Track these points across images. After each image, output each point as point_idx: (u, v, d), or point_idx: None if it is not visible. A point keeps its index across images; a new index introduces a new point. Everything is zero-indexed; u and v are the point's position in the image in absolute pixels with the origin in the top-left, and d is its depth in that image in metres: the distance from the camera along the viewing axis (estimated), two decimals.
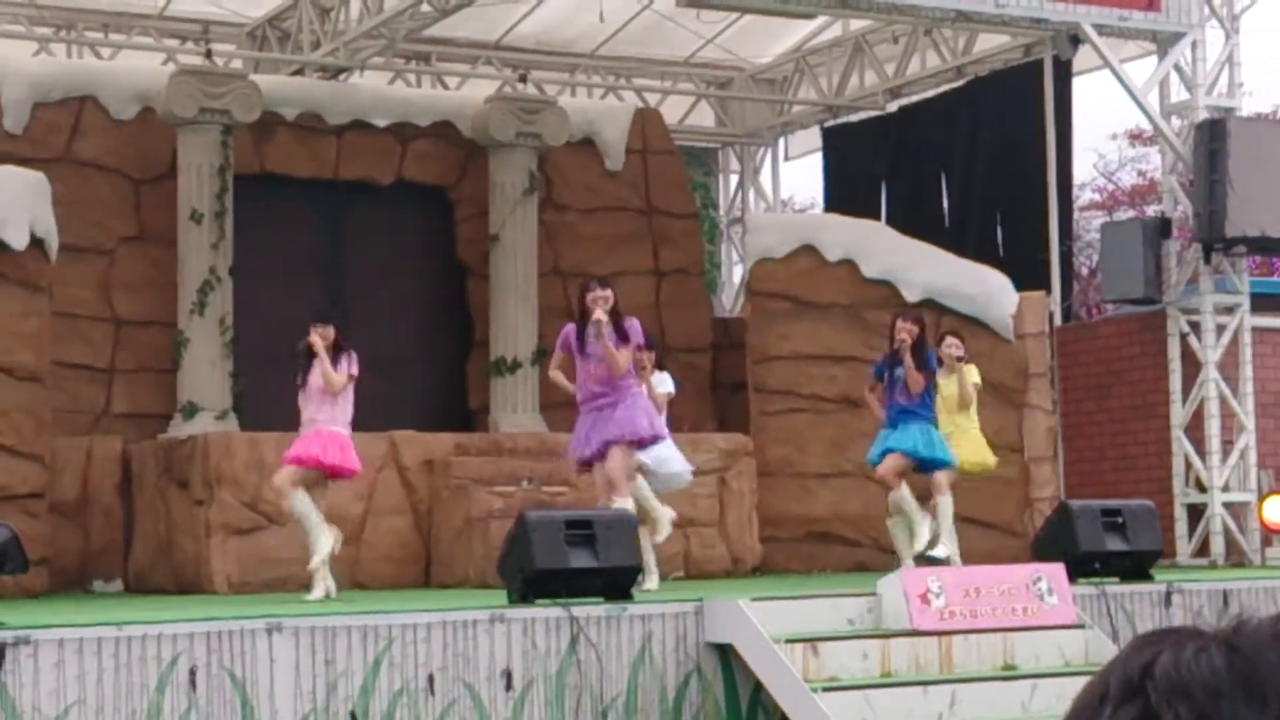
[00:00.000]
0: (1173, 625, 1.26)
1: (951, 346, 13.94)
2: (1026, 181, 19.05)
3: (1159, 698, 1.19)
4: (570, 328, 12.29)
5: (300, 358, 12.47)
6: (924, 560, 13.25)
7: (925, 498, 13.69)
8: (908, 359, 13.34)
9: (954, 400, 13.91)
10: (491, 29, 20.09)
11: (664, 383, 13.45)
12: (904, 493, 13.49)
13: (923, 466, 13.52)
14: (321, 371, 12.30)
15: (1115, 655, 1.25)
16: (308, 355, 12.44)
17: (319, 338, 12.37)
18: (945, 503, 13.58)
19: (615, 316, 12.03)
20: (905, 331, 13.45)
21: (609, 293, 12.04)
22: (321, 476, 12.41)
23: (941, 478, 13.56)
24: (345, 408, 12.42)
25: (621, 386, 12.06)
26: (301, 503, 12.25)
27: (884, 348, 14.60)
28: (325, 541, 12.18)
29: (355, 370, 12.39)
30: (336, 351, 12.38)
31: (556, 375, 12.57)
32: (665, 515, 12.52)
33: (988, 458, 14.16)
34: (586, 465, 12.32)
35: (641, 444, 12.19)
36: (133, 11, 18.91)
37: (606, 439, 11.95)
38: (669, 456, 12.84)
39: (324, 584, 12.21)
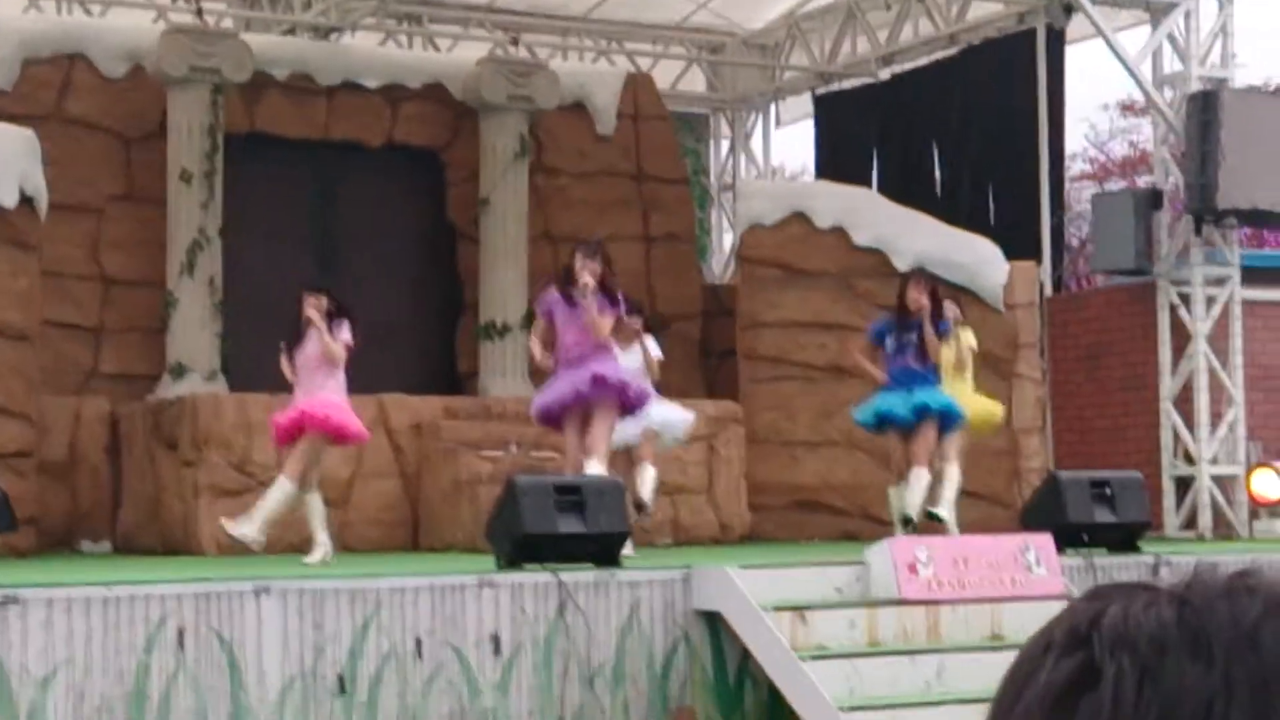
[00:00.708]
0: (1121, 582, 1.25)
1: (949, 309, 13.92)
2: (1018, 151, 19.03)
3: (1103, 649, 1.18)
4: (552, 292, 12.27)
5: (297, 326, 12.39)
6: (925, 515, 13.28)
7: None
8: (928, 325, 13.30)
9: (951, 364, 13.91)
10: None
11: (653, 347, 13.44)
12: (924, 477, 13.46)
13: (942, 424, 13.49)
14: (321, 343, 12.24)
15: (1066, 607, 1.24)
16: (306, 325, 12.35)
17: (313, 308, 12.30)
18: (954, 473, 13.61)
19: (603, 282, 12.05)
20: (920, 296, 13.37)
21: (596, 264, 12.05)
22: (325, 441, 12.38)
23: (951, 447, 13.56)
24: (340, 376, 12.38)
25: (602, 348, 12.08)
26: (312, 507, 12.24)
27: (874, 316, 14.59)
28: (322, 543, 12.16)
29: (349, 338, 12.33)
30: (330, 319, 12.32)
31: (533, 344, 12.55)
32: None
33: (994, 410, 14.26)
34: (553, 422, 12.34)
35: (627, 405, 12.19)
36: None
37: (594, 375, 11.93)
38: (666, 413, 13.00)
39: (322, 548, 12.20)
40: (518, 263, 17.87)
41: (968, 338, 14.19)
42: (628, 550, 12.18)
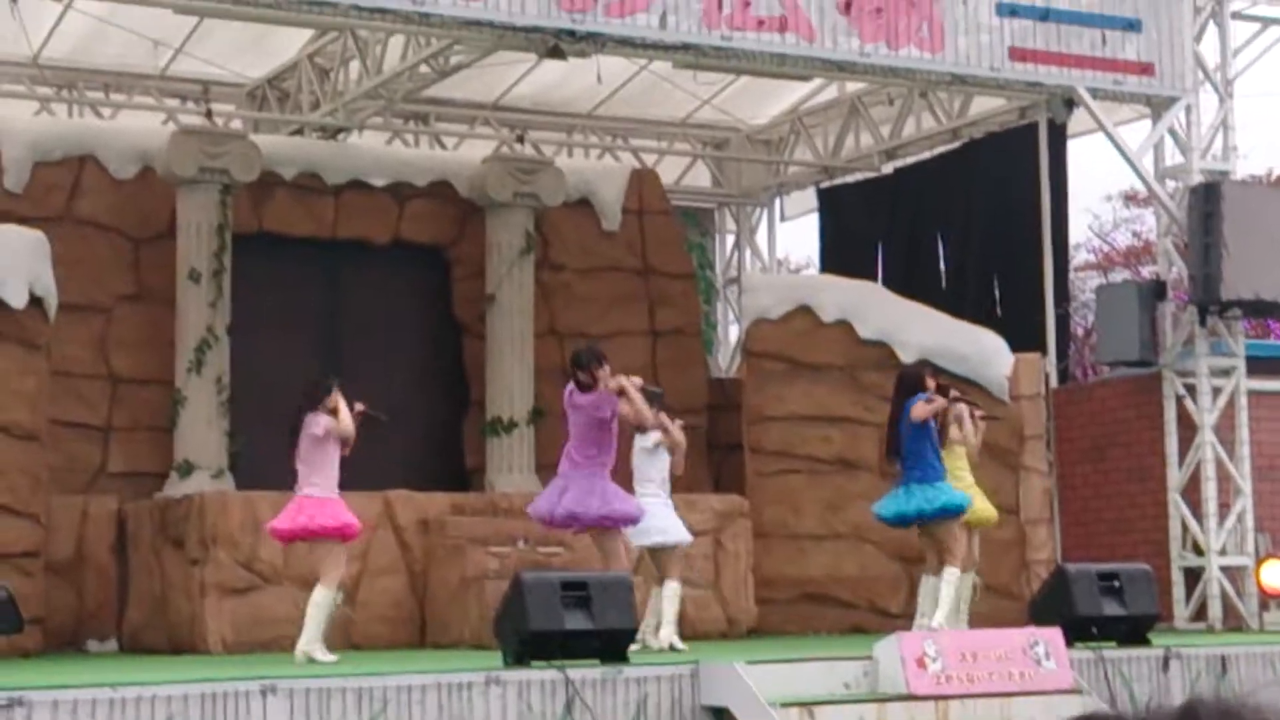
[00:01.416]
0: (1099, 711, 1.29)
1: (961, 402, 13.96)
2: (1022, 243, 19.11)
3: None
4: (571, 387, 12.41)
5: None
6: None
7: (917, 559, 13.67)
8: (962, 408, 13.39)
9: (966, 453, 13.96)
10: (489, 89, 20.18)
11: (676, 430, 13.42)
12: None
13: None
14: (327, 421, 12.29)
15: None
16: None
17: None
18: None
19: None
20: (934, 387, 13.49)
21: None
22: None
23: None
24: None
25: (591, 460, 12.18)
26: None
27: (880, 409, 14.60)
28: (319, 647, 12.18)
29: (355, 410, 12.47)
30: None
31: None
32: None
33: (991, 512, 14.25)
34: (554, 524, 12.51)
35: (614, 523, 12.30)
36: (133, 71, 18.98)
37: (569, 513, 12.10)
38: (666, 526, 13.05)
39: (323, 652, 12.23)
40: (524, 358, 17.93)
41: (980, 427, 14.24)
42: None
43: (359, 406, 12.41)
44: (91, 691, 9.26)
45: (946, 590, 13.30)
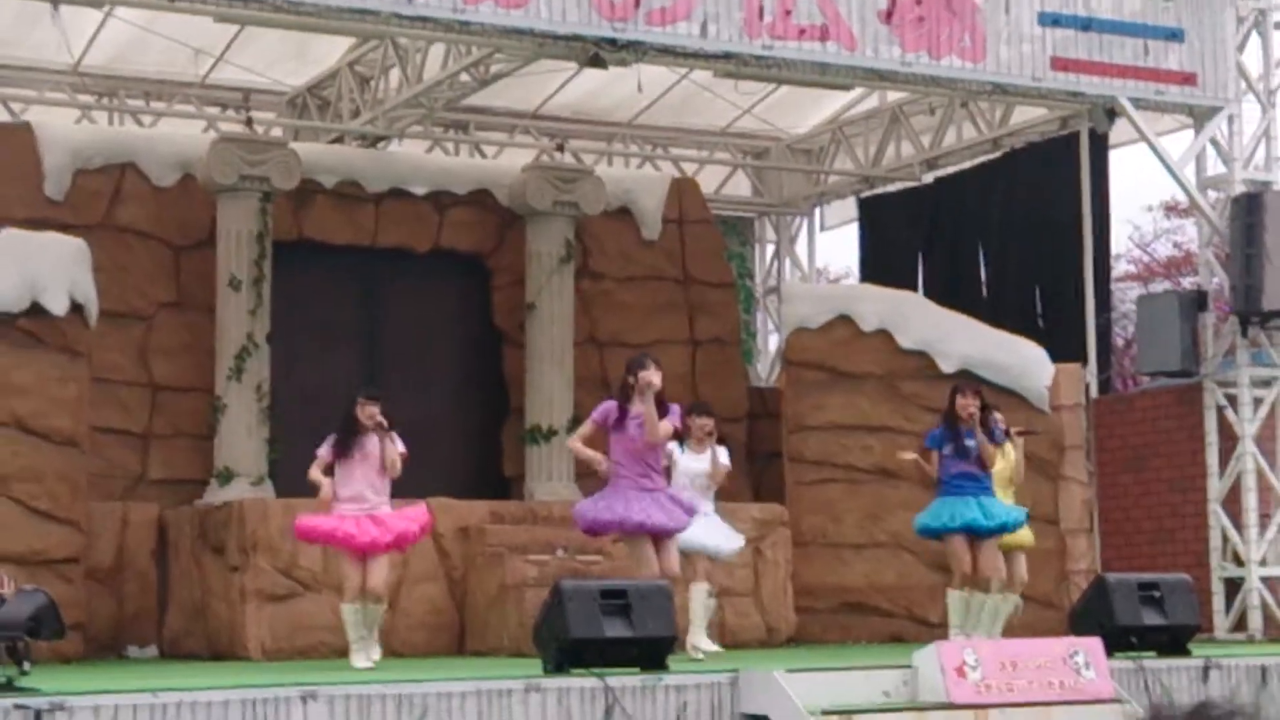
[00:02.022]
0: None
1: (1001, 421, 13.82)
2: (1063, 253, 19.05)
3: None
4: (612, 404, 12.28)
5: (356, 430, 12.42)
6: None
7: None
8: (979, 433, 13.23)
9: (1006, 473, 13.83)
10: (529, 98, 20.21)
11: (723, 455, 13.46)
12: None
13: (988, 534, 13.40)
14: (386, 451, 12.33)
15: None
16: (362, 430, 12.40)
17: (376, 415, 12.38)
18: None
19: (658, 397, 12.13)
20: (970, 404, 13.30)
21: (658, 375, 12.11)
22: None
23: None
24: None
25: (653, 467, 12.16)
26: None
27: (920, 419, 14.55)
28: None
29: (404, 449, 12.45)
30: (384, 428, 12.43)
31: (574, 444, 12.54)
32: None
33: (1029, 535, 14.11)
34: (599, 535, 12.50)
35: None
36: (174, 79, 19.06)
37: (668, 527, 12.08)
38: (713, 537, 13.09)
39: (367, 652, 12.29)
40: (563, 367, 17.94)
41: (1019, 447, 14.09)
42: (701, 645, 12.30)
43: (378, 419, 12.40)
44: (132, 697, 9.29)
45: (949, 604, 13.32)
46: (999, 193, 20.25)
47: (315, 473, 12.43)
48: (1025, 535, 13.92)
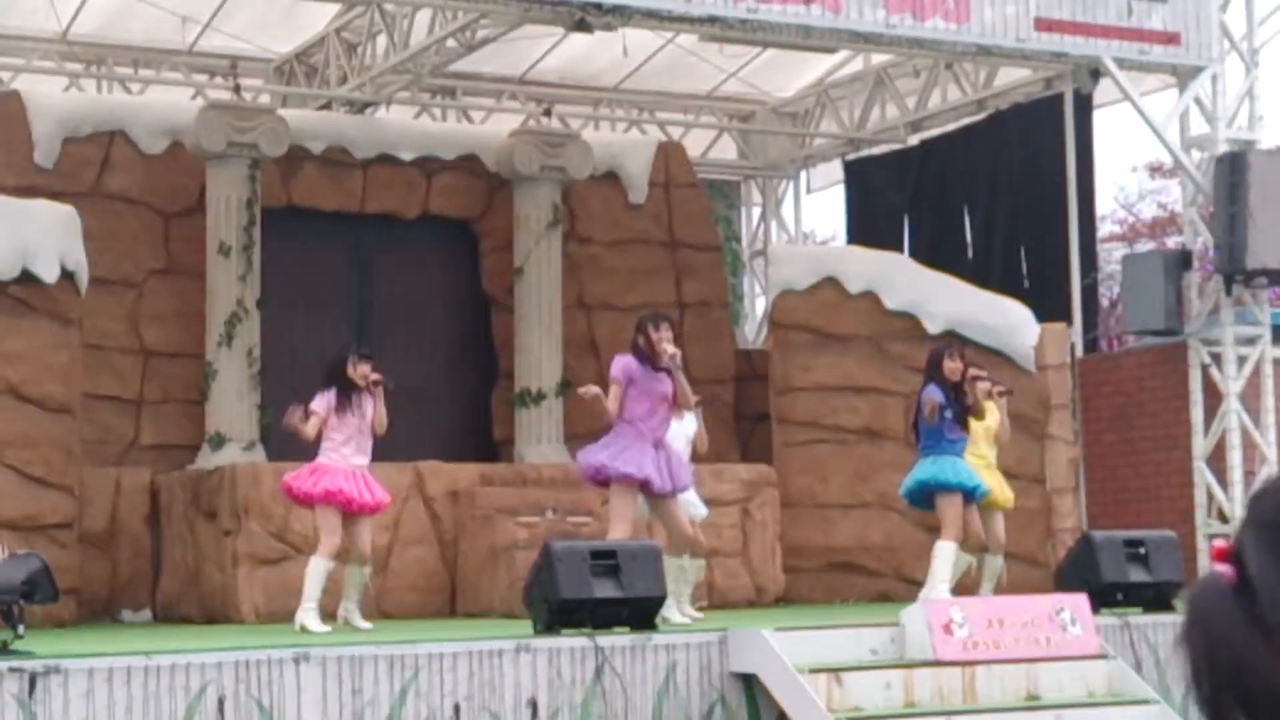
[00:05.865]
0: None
1: (986, 381, 13.73)
2: (1049, 213, 19.12)
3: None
4: (631, 361, 12.10)
5: (351, 387, 12.52)
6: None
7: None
8: (975, 392, 13.13)
9: (989, 433, 13.78)
10: (516, 64, 20.24)
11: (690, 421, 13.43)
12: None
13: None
14: (378, 410, 12.47)
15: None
16: (357, 388, 12.50)
17: (361, 376, 12.49)
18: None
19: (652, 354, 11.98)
20: (957, 366, 13.12)
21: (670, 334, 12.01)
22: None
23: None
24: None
25: (665, 425, 12.08)
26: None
27: (907, 380, 14.58)
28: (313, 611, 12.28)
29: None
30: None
31: (610, 404, 12.27)
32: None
33: (1005, 494, 14.05)
34: (601, 483, 12.32)
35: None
36: (162, 47, 19.08)
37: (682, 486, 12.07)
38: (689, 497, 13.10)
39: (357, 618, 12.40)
40: (552, 331, 18.02)
41: (1001, 408, 14.02)
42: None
43: (373, 376, 12.53)
44: (126, 660, 9.40)
45: (934, 563, 13.11)
46: (984, 154, 20.32)
47: (297, 419, 12.48)
48: (1006, 495, 13.92)
